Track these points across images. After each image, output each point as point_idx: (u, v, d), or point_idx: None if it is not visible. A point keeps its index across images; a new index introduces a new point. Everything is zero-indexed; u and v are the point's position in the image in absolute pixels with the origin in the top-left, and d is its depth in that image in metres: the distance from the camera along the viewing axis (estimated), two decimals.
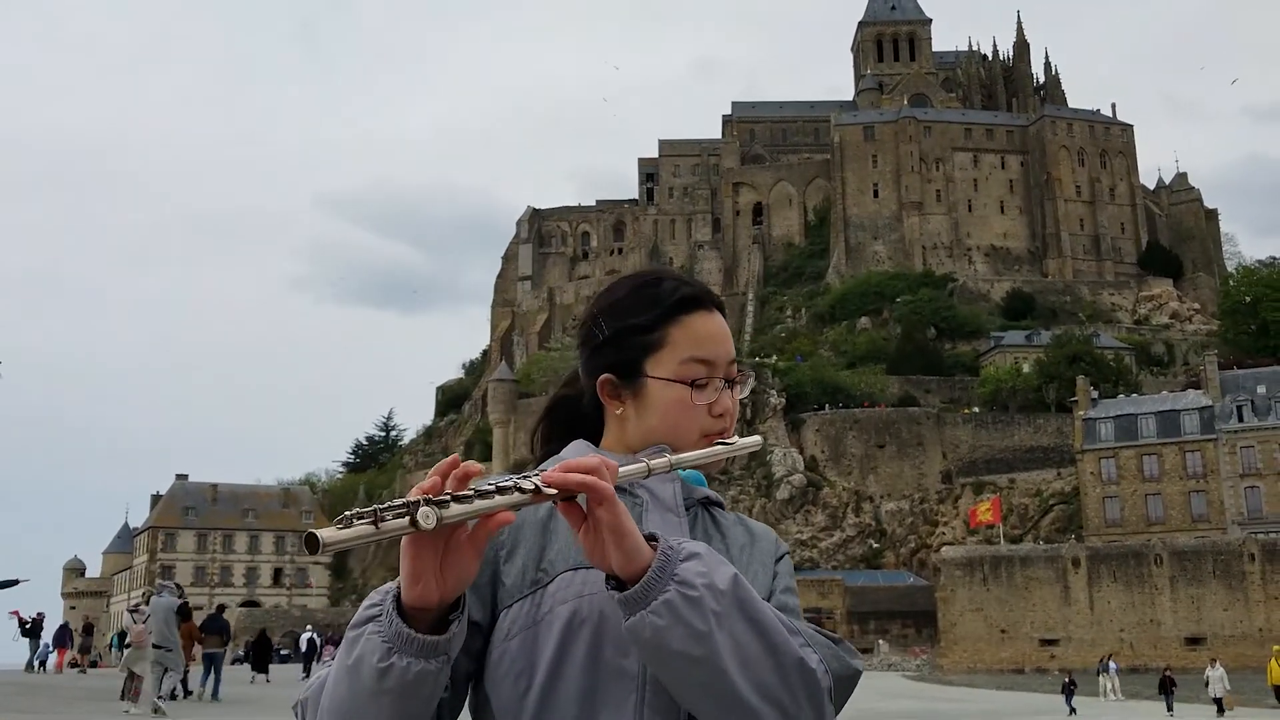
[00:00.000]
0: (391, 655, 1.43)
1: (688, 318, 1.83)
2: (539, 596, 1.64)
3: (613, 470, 1.50)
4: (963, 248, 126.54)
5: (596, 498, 1.45)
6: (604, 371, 1.84)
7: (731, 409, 1.84)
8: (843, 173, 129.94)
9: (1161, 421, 77.40)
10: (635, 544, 1.48)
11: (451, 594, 1.45)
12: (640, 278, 1.91)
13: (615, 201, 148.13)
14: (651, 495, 1.77)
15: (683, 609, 1.46)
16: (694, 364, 1.81)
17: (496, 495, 1.43)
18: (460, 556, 1.44)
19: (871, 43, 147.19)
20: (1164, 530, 72.99)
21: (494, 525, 1.44)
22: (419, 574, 1.42)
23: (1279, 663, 32.03)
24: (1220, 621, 61.18)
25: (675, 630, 1.46)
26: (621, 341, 1.83)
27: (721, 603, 1.48)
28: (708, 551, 1.54)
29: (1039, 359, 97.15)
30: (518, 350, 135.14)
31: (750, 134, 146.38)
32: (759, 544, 1.83)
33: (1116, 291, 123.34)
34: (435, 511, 1.36)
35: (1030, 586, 65.36)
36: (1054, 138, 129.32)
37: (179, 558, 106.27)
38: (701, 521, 1.81)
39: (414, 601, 1.44)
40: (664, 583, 1.47)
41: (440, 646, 1.44)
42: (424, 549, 1.42)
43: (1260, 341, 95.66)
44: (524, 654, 1.62)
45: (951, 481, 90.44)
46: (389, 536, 1.35)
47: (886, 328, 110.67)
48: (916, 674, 61.95)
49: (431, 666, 1.44)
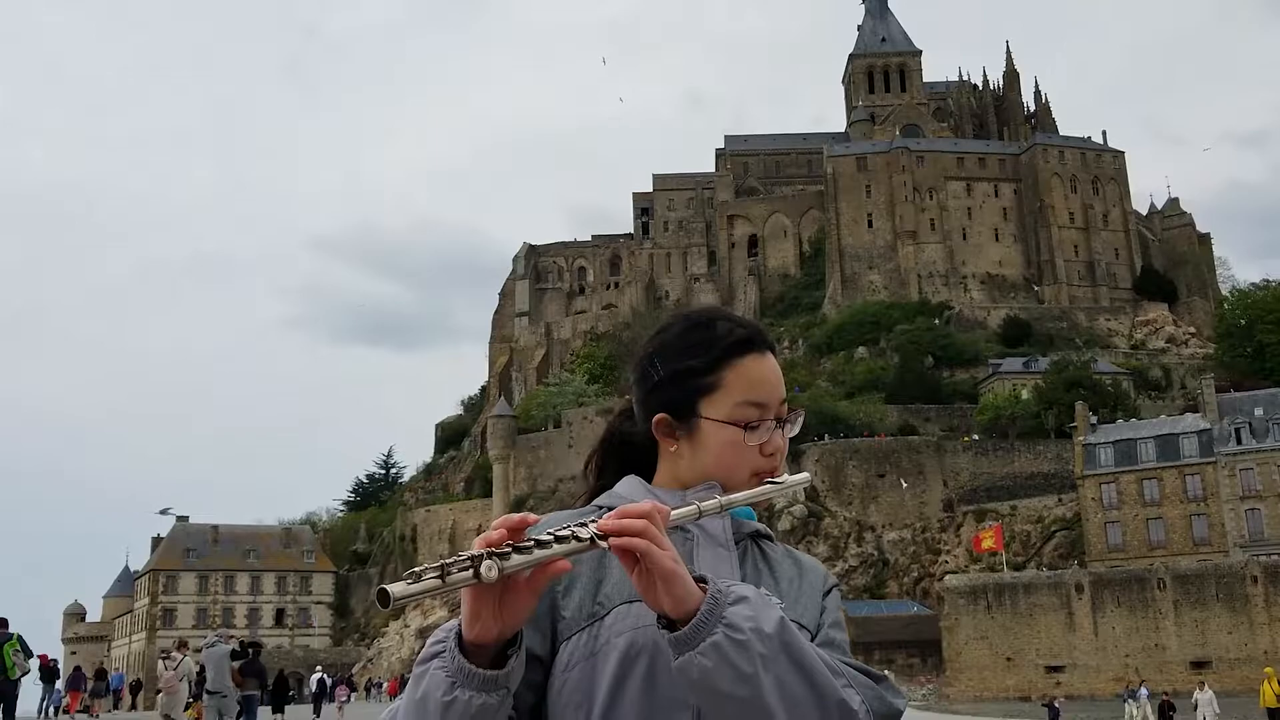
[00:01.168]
0: (455, 689, 1.54)
1: (741, 361, 1.91)
2: (596, 628, 1.73)
3: (664, 516, 1.58)
4: (958, 276, 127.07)
5: (646, 547, 1.53)
6: (660, 410, 1.93)
7: (782, 448, 1.93)
8: (837, 204, 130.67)
9: (1161, 445, 77.52)
10: (685, 588, 1.54)
11: (509, 632, 1.55)
12: (694, 318, 1.98)
13: (611, 236, 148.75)
14: (702, 531, 1.84)
15: (730, 651, 1.52)
16: (748, 407, 1.89)
17: (555, 545, 1.54)
18: (518, 599, 1.54)
19: (862, 74, 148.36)
20: (1166, 554, 72.92)
21: (551, 573, 1.55)
22: (478, 615, 1.53)
23: (1271, 685, 31.89)
24: (1225, 645, 61.06)
25: (722, 671, 1.52)
26: (677, 383, 1.91)
27: (768, 646, 1.54)
28: (755, 595, 1.59)
29: (1037, 385, 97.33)
30: (516, 386, 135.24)
31: (744, 167, 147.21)
32: (807, 577, 1.90)
33: (1112, 317, 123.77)
34: (498, 564, 1.48)
35: (1034, 613, 65.24)
36: (1046, 165, 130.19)
37: (180, 600, 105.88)
38: (751, 555, 1.90)
39: (474, 639, 1.54)
40: (712, 625, 1.53)
41: (499, 680, 1.54)
42: (484, 594, 1.52)
43: (1256, 364, 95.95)
44: (583, 684, 1.70)
45: (953, 510, 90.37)
46: (455, 589, 1.48)
47: (884, 357, 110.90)
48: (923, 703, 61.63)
49: (492, 700, 1.54)
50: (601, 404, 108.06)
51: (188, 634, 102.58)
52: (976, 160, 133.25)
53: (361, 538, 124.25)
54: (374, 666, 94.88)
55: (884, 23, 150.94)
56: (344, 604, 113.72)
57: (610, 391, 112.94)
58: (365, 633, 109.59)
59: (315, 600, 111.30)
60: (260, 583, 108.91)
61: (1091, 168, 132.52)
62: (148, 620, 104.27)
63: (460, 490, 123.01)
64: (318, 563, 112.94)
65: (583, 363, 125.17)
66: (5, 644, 17.29)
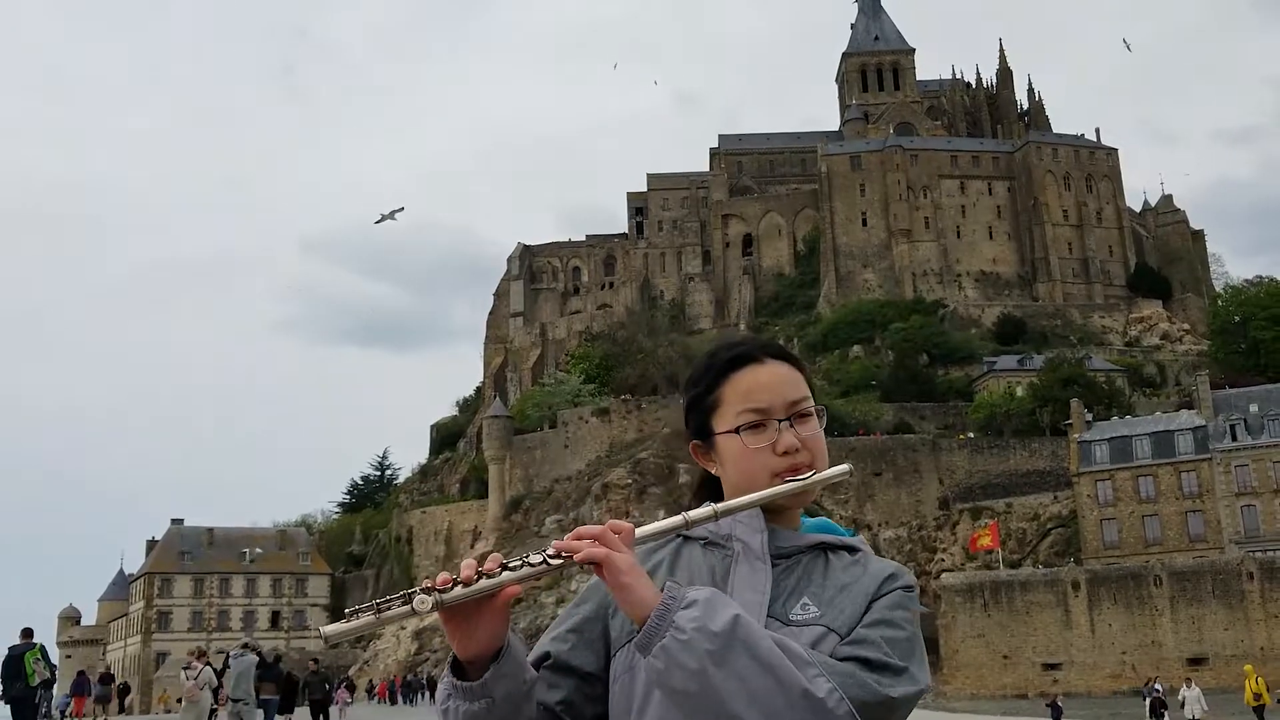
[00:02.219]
0: (448, 700, 1.84)
1: (736, 375, 2.09)
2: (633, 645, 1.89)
3: (624, 532, 1.78)
4: (952, 274, 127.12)
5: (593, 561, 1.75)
6: (692, 439, 2.16)
7: (798, 445, 2.07)
8: (831, 202, 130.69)
9: (1156, 442, 77.54)
10: (639, 597, 1.74)
11: (487, 649, 1.80)
12: (707, 352, 2.21)
13: (605, 236, 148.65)
14: (744, 546, 2.00)
15: (675, 652, 1.68)
16: (747, 414, 2.05)
17: (504, 573, 1.76)
18: (489, 621, 1.79)
19: (856, 73, 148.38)
20: (1162, 551, 72.95)
21: (506, 597, 1.78)
22: (452, 636, 1.81)
23: (1251, 683, 32.21)
24: (1221, 641, 61.06)
25: (673, 672, 1.69)
26: (694, 410, 2.14)
27: (714, 643, 1.68)
28: (709, 597, 1.74)
29: (1032, 383, 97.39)
30: (511, 386, 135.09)
31: (738, 166, 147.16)
32: (861, 583, 1.99)
33: (1107, 314, 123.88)
34: (431, 598, 1.72)
35: (1031, 611, 65.22)
36: (1040, 163, 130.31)
37: (175, 603, 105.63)
38: (805, 568, 2.01)
39: (460, 657, 1.82)
40: (663, 629, 1.70)
41: (476, 691, 1.79)
42: (452, 619, 1.78)
43: (1251, 360, 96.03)
44: (623, 697, 1.93)
45: (949, 507, 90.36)
46: (390, 623, 1.71)
47: (879, 355, 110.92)
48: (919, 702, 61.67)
49: (476, 707, 1.80)
50: (597, 404, 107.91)
51: (183, 637, 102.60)
52: (970, 158, 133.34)
53: (357, 540, 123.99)
54: (370, 669, 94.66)
55: (877, 21, 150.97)
56: (340, 606, 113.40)
57: (606, 391, 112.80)
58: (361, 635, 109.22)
59: (311, 603, 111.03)
60: (256, 585, 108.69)
61: (1085, 165, 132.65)
62: (143, 624, 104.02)
63: (456, 491, 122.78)
64: (313, 565, 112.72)
65: (578, 363, 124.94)
66: (27, 652, 17.79)
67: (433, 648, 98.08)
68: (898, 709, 1.89)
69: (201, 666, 21.16)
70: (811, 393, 2.18)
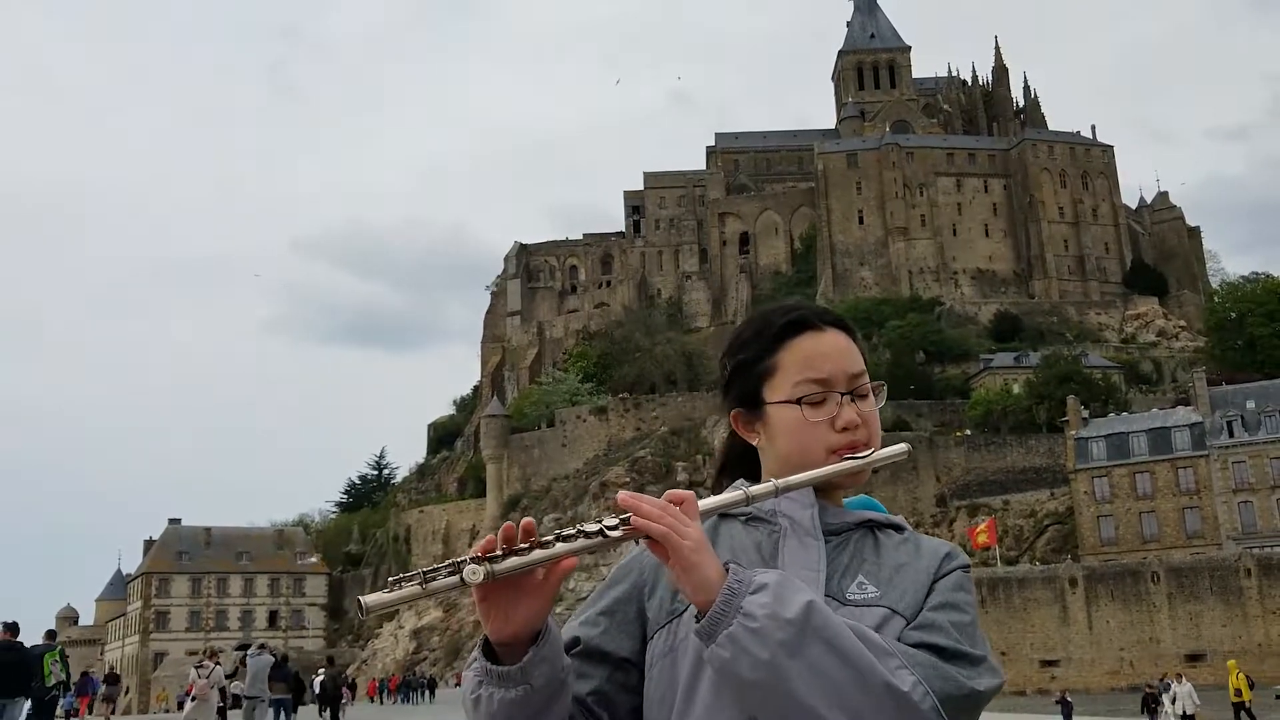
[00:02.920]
0: (480, 687, 1.65)
1: (795, 340, 1.90)
2: (675, 626, 1.78)
3: (688, 503, 1.61)
4: (949, 271, 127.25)
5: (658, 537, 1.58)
6: (734, 407, 1.97)
7: (859, 421, 1.87)
8: (827, 200, 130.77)
9: (1153, 439, 77.62)
10: (703, 578, 1.57)
11: (525, 629, 1.62)
12: (756, 314, 2.02)
13: (602, 235, 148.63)
14: (791, 522, 1.83)
15: (745, 640, 1.53)
16: (806, 384, 1.87)
17: (557, 544, 1.58)
18: (532, 600, 1.61)
19: (852, 71, 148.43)
20: (1159, 548, 73.04)
21: (559, 571, 1.61)
22: (486, 616, 1.62)
23: (1233, 679, 31.87)
24: (1219, 637, 61.12)
25: (741, 661, 1.54)
26: (742, 375, 1.94)
27: (787, 631, 1.53)
28: (779, 580, 1.59)
29: (1029, 380, 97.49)
30: (509, 385, 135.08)
31: (734, 164, 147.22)
32: (919, 563, 1.84)
33: (1103, 311, 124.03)
34: (484, 567, 1.53)
35: (1028, 608, 65.29)
36: (1035, 160, 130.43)
37: (173, 603, 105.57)
38: (856, 545, 1.85)
39: (494, 639, 1.64)
40: (730, 616, 1.55)
41: (514, 676, 1.61)
42: (490, 596, 1.60)
43: (1247, 357, 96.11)
44: (665, 679, 1.76)
45: (946, 504, 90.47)
46: (437, 594, 1.54)
47: (876, 353, 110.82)
48: None
49: (512, 694, 1.61)
50: (594, 403, 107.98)
51: (181, 637, 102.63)
52: (966, 156, 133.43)
53: (355, 539, 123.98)
54: (368, 668, 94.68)
55: (873, 19, 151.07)
56: (337, 605, 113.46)
57: (603, 390, 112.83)
58: (359, 634, 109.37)
59: (309, 602, 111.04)
60: (253, 585, 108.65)
61: (1081, 162, 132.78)
62: (141, 623, 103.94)
63: (453, 490, 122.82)
64: (311, 564, 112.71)
65: (575, 361, 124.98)
66: (46, 654, 18.04)
67: (430, 646, 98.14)
68: (982, 703, 1.71)
69: (213, 666, 21.93)
70: (866, 362, 1.98)
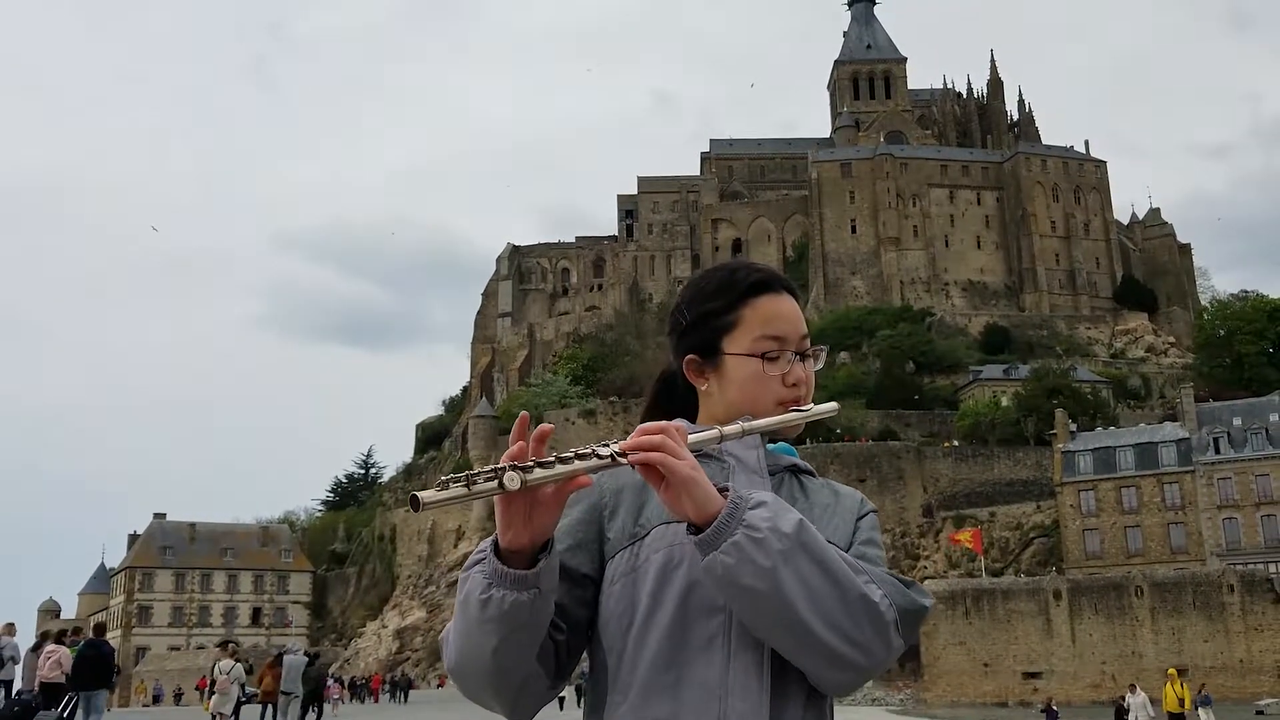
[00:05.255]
0: (491, 589, 1.76)
1: (758, 299, 2.11)
2: (637, 547, 1.94)
3: (682, 433, 1.78)
4: (940, 283, 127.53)
5: (666, 459, 1.74)
6: (689, 353, 2.13)
7: (805, 379, 2.14)
8: (820, 209, 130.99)
9: (1139, 454, 77.86)
10: (707, 494, 1.75)
11: (539, 538, 1.77)
12: (719, 268, 2.19)
13: (595, 238, 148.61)
14: (738, 460, 2.02)
15: (749, 549, 1.72)
16: (765, 340, 2.09)
17: (576, 461, 1.75)
18: (545, 509, 1.76)
19: (848, 81, 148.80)
20: (1144, 562, 73.20)
21: (573, 486, 1.76)
22: (509, 523, 1.76)
23: (1174, 688, 30.55)
24: (1201, 653, 61.31)
25: (743, 567, 1.72)
26: (702, 325, 2.12)
27: (785, 543, 1.74)
28: (774, 500, 1.80)
29: (1017, 392, 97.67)
30: (498, 387, 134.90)
31: (728, 170, 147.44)
32: (843, 503, 2.08)
33: (1093, 325, 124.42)
34: (521, 476, 1.68)
35: (1012, 620, 65.39)
36: (1029, 174, 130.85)
37: (156, 598, 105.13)
38: (788, 485, 2.08)
39: (508, 545, 1.76)
40: (733, 527, 1.73)
41: (529, 580, 1.75)
42: (513, 504, 1.74)
43: (1235, 374, 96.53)
44: (625, 596, 1.91)
45: (932, 515, 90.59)
46: (481, 497, 1.68)
47: (866, 362, 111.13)
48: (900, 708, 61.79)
49: (524, 597, 1.75)
50: (584, 405, 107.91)
51: (163, 632, 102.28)
52: (960, 168, 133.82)
53: (340, 538, 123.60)
54: (351, 666, 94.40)
55: (869, 30, 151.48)
56: (321, 604, 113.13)
57: (592, 393, 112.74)
58: (343, 633, 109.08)
59: (292, 600, 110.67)
60: (237, 581, 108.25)
61: (1074, 177, 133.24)
62: (123, 618, 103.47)
63: None
64: (295, 562, 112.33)
65: (565, 364, 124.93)
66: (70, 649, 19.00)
67: (414, 647, 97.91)
68: (924, 618, 1.93)
69: (234, 662, 23.88)
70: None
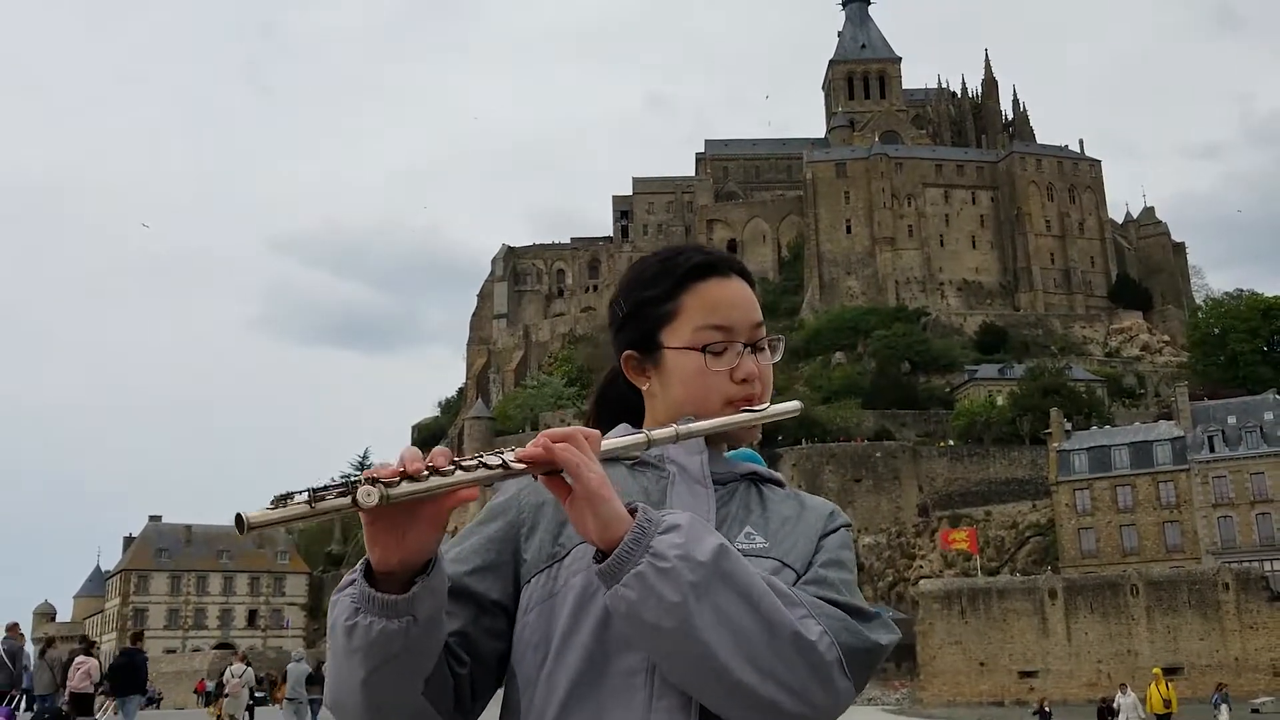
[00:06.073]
0: (357, 615, 1.48)
1: (701, 285, 1.79)
2: (555, 570, 1.64)
3: (593, 440, 1.49)
4: (935, 282, 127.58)
5: (569, 468, 1.44)
6: (626, 348, 1.84)
7: (758, 374, 1.78)
8: (815, 209, 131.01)
9: (1134, 453, 77.95)
10: (613, 513, 1.46)
11: (413, 559, 1.47)
12: (659, 252, 1.90)
13: (590, 239, 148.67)
14: (680, 468, 1.72)
15: (654, 581, 1.42)
16: (709, 330, 1.76)
17: (459, 472, 1.43)
18: (423, 528, 1.46)
19: (842, 81, 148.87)
20: (1139, 561, 73.30)
21: (454, 501, 1.45)
22: (374, 541, 1.46)
23: (1159, 688, 29.86)
24: (1197, 651, 61.43)
25: (648, 603, 1.42)
26: (639, 315, 1.81)
27: (698, 573, 1.43)
28: (692, 522, 1.49)
29: (1012, 392, 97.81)
30: (494, 388, 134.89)
31: (723, 171, 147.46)
32: (806, 517, 1.75)
33: (1088, 324, 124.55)
34: (379, 490, 1.38)
35: (1008, 619, 65.46)
36: (1023, 173, 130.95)
37: (152, 600, 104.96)
38: (742, 496, 1.76)
39: (377, 566, 1.48)
40: (638, 555, 1.44)
41: (400, 606, 1.46)
42: (381, 522, 1.45)
43: (1230, 372, 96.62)
44: (541, 625, 1.62)
45: (928, 514, 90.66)
46: (327, 516, 1.39)
47: (861, 362, 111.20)
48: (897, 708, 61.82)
49: (394, 625, 1.46)
50: (580, 407, 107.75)
51: (159, 635, 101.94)
52: (954, 167, 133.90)
53: (336, 539, 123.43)
54: None
55: (864, 30, 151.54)
56: (317, 605, 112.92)
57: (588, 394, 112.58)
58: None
59: (288, 601, 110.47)
60: (233, 584, 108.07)
61: (1068, 176, 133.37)
62: (119, 620, 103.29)
63: None
64: (291, 564, 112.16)
65: (561, 365, 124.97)
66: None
67: None
68: (880, 657, 1.63)
69: (245, 666, 24.75)
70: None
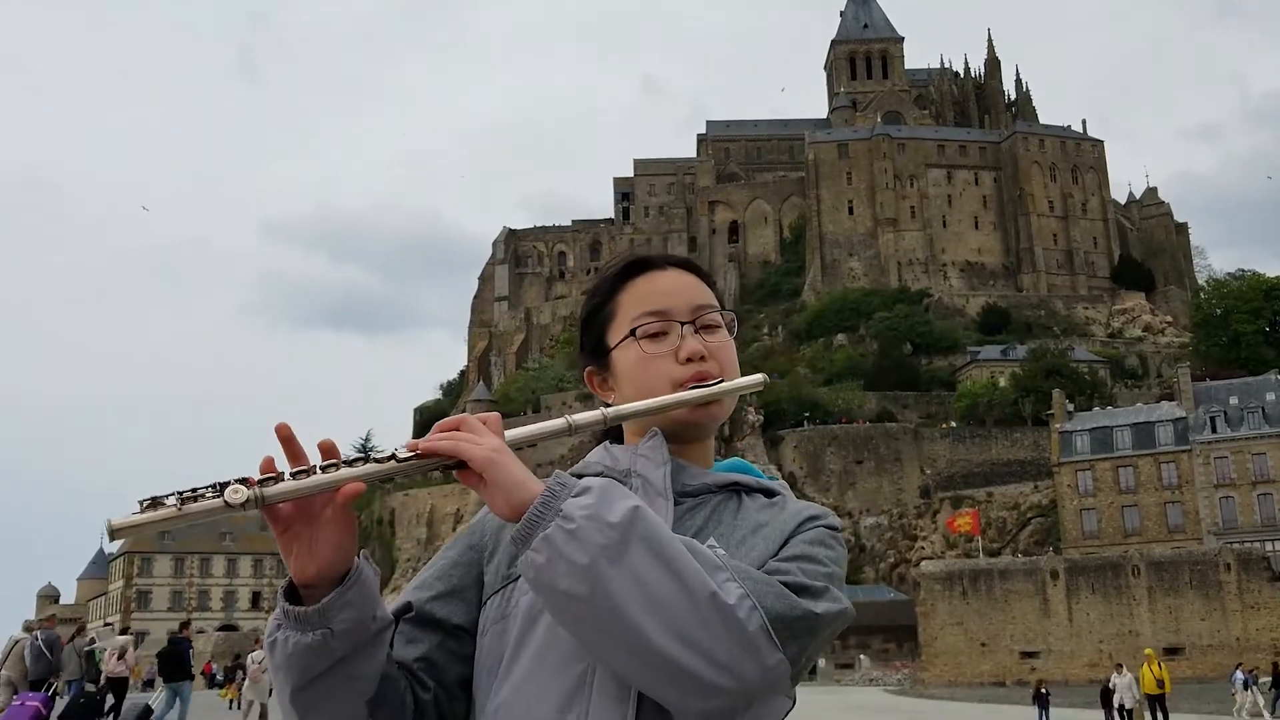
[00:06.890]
0: (277, 630, 1.44)
1: (634, 281, 1.78)
2: (509, 591, 1.61)
3: (490, 421, 1.46)
4: (938, 263, 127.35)
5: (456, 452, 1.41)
6: (586, 365, 1.82)
7: (705, 351, 1.71)
8: (818, 190, 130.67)
9: (1136, 434, 77.95)
10: (515, 480, 1.40)
11: (328, 568, 1.43)
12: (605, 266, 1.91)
13: (591, 221, 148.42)
14: (645, 481, 1.67)
15: (561, 543, 1.35)
16: (643, 318, 1.73)
17: (343, 468, 1.39)
18: (332, 530, 1.42)
19: (844, 61, 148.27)
20: (1141, 541, 73.40)
21: (344, 496, 1.41)
22: (286, 551, 1.43)
23: (1151, 668, 29.49)
24: (1198, 631, 61.51)
25: (558, 567, 1.35)
26: (589, 329, 1.80)
27: (608, 535, 1.36)
28: (605, 486, 1.42)
29: (1015, 373, 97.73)
30: (495, 371, 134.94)
31: (725, 152, 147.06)
32: (779, 520, 1.68)
33: (1090, 305, 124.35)
34: (251, 491, 1.32)
35: (1009, 599, 65.53)
36: (1026, 153, 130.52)
37: (155, 582, 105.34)
38: (716, 508, 1.69)
39: (297, 578, 1.44)
40: (548, 518, 1.37)
41: (312, 617, 1.41)
42: (286, 526, 1.42)
43: (1232, 353, 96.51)
44: (494, 647, 1.59)
45: (930, 496, 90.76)
46: (198, 519, 1.32)
47: (863, 344, 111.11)
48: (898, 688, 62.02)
49: (308, 639, 1.41)
50: (581, 389, 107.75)
51: (163, 616, 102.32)
52: (957, 148, 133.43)
53: None
54: None
55: (866, 9, 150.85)
56: None
57: None
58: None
59: None
60: (236, 565, 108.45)
61: (1071, 156, 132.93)
62: (122, 602, 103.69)
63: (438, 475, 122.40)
64: None
65: (562, 348, 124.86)
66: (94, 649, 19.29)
67: None
68: (822, 628, 1.48)
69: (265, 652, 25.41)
70: (721, 305, 1.80)
